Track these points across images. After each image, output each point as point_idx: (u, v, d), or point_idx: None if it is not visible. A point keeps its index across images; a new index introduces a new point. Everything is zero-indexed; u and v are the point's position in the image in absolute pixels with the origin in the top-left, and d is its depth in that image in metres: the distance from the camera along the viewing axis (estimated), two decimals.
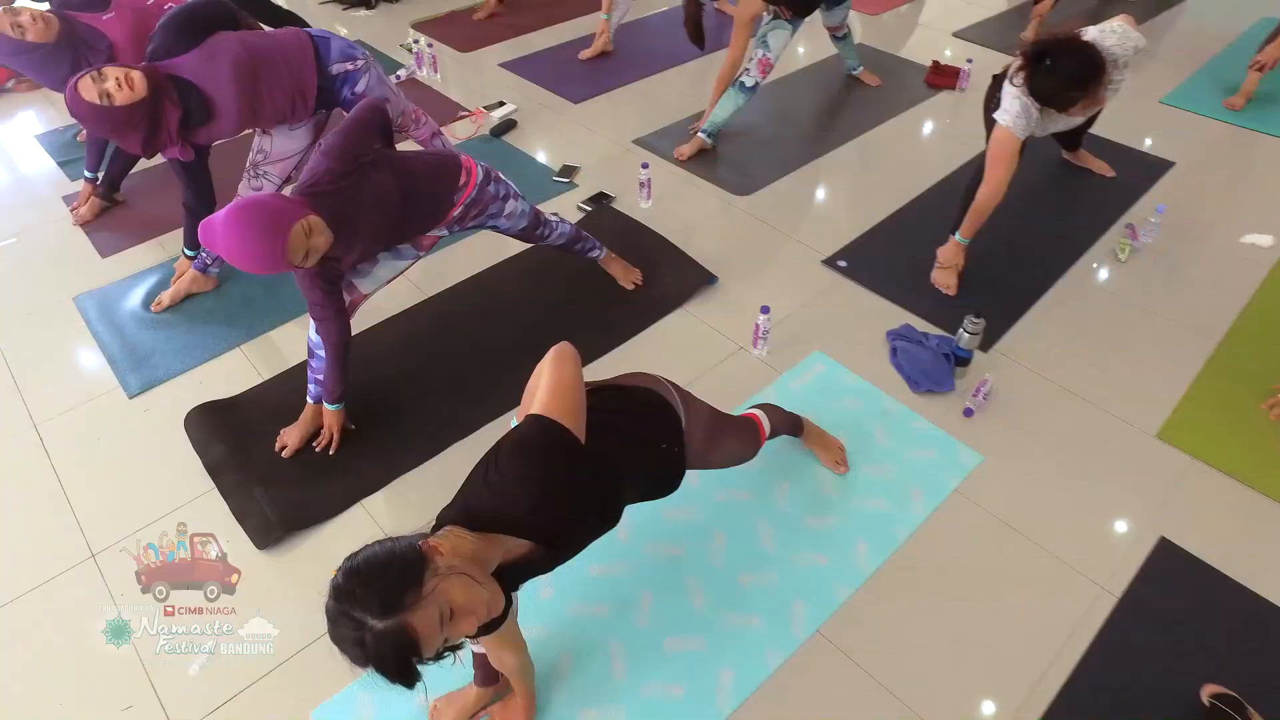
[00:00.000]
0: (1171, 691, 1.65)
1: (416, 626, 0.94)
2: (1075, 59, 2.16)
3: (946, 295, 2.60)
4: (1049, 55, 2.18)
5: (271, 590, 1.82)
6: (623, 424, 1.30)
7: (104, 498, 1.98)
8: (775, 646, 1.69)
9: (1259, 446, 2.16)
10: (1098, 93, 2.21)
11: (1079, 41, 2.18)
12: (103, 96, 2.02)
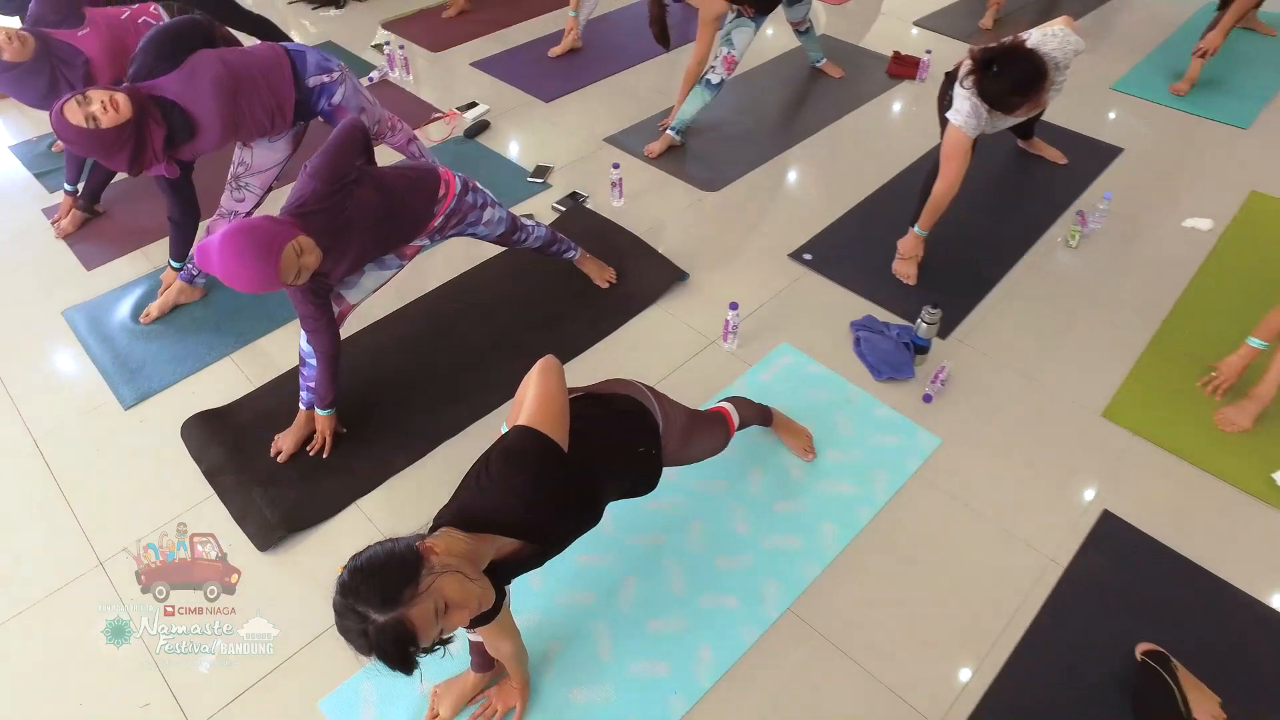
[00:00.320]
0: (1111, 651, 1.80)
1: (414, 619, 1.06)
2: (1020, 66, 2.28)
3: (907, 285, 2.74)
4: (996, 62, 2.30)
5: (273, 587, 1.92)
6: (602, 430, 1.42)
7: (108, 507, 2.06)
8: (750, 624, 1.83)
9: (1196, 423, 2.32)
10: (1040, 97, 2.34)
11: (1023, 49, 2.31)
12: (89, 119, 2.08)
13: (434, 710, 1.66)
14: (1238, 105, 3.79)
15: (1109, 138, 3.58)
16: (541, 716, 1.69)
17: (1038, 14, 4.68)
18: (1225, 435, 2.30)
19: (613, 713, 1.69)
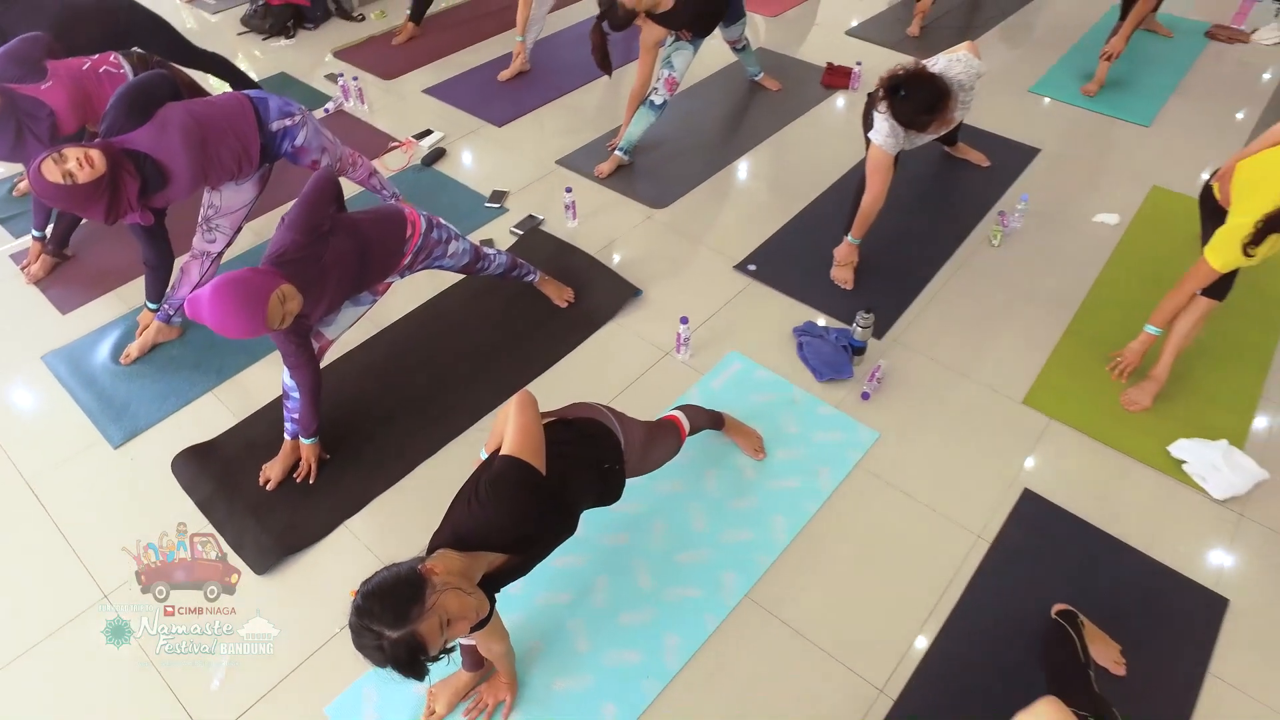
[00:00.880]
0: (1032, 613, 2.02)
1: (423, 633, 1.23)
2: (925, 89, 2.49)
3: (845, 290, 2.96)
4: (903, 87, 2.51)
5: (271, 608, 2.06)
6: (572, 452, 1.60)
7: (107, 543, 2.18)
8: (711, 612, 2.03)
9: (1104, 405, 2.58)
10: (947, 115, 2.56)
11: (926, 74, 2.52)
12: (66, 176, 2.19)
13: (431, 708, 1.83)
14: (1141, 104, 4.09)
15: (1028, 139, 3.84)
16: (529, 707, 1.87)
17: (962, 19, 4.96)
18: (1129, 415, 2.56)
19: (592, 699, 1.88)
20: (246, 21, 4.72)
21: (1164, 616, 2.07)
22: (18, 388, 2.64)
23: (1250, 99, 4.16)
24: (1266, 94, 4.21)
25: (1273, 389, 2.64)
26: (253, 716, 1.86)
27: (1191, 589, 2.11)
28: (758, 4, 5.05)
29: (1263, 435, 2.50)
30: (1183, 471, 2.38)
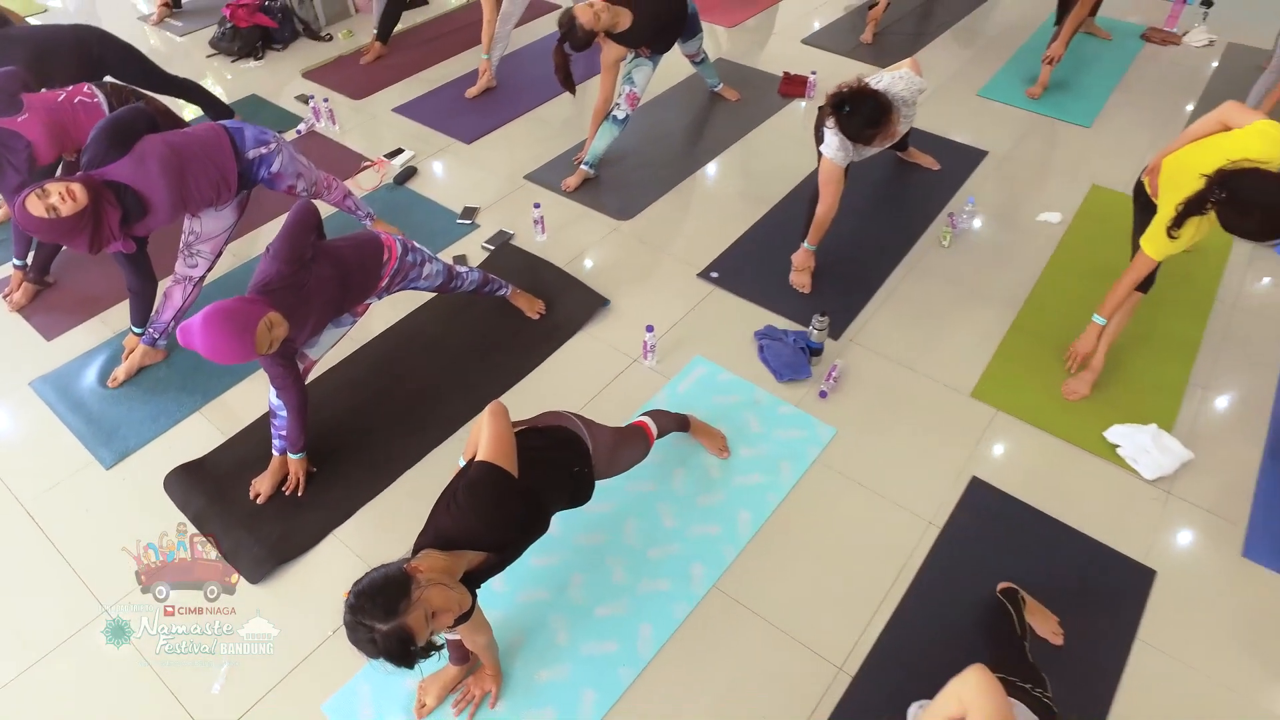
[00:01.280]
0: (978, 592, 2.19)
1: (411, 625, 1.36)
2: (867, 104, 2.64)
3: (803, 294, 3.12)
4: (847, 103, 2.67)
5: (269, 614, 2.17)
6: (543, 458, 1.74)
7: (105, 560, 2.27)
8: (681, 602, 2.17)
9: (1046, 395, 2.76)
10: (890, 129, 2.71)
11: (868, 90, 2.67)
12: (49, 210, 2.28)
13: (422, 701, 1.96)
14: (1082, 105, 4.30)
15: (976, 142, 4.03)
16: (513, 697, 2.00)
17: (914, 25, 5.15)
18: (1069, 403, 2.74)
19: (572, 687, 2.01)
20: (215, 44, 4.79)
21: (1098, 589, 2.24)
22: (7, 414, 2.72)
23: (1183, 98, 4.39)
24: (1197, 92, 4.43)
25: (1199, 376, 2.83)
26: (253, 715, 1.98)
27: (1123, 563, 2.29)
28: (716, 14, 5.21)
29: (1189, 419, 2.69)
30: (1117, 455, 2.57)
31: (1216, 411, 2.72)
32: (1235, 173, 2.17)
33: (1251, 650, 2.10)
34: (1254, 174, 2.15)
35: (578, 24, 3.16)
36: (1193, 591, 2.23)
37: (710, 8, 5.30)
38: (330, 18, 5.10)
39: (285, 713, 1.99)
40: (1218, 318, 3.06)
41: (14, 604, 2.22)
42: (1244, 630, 2.15)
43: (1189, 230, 2.31)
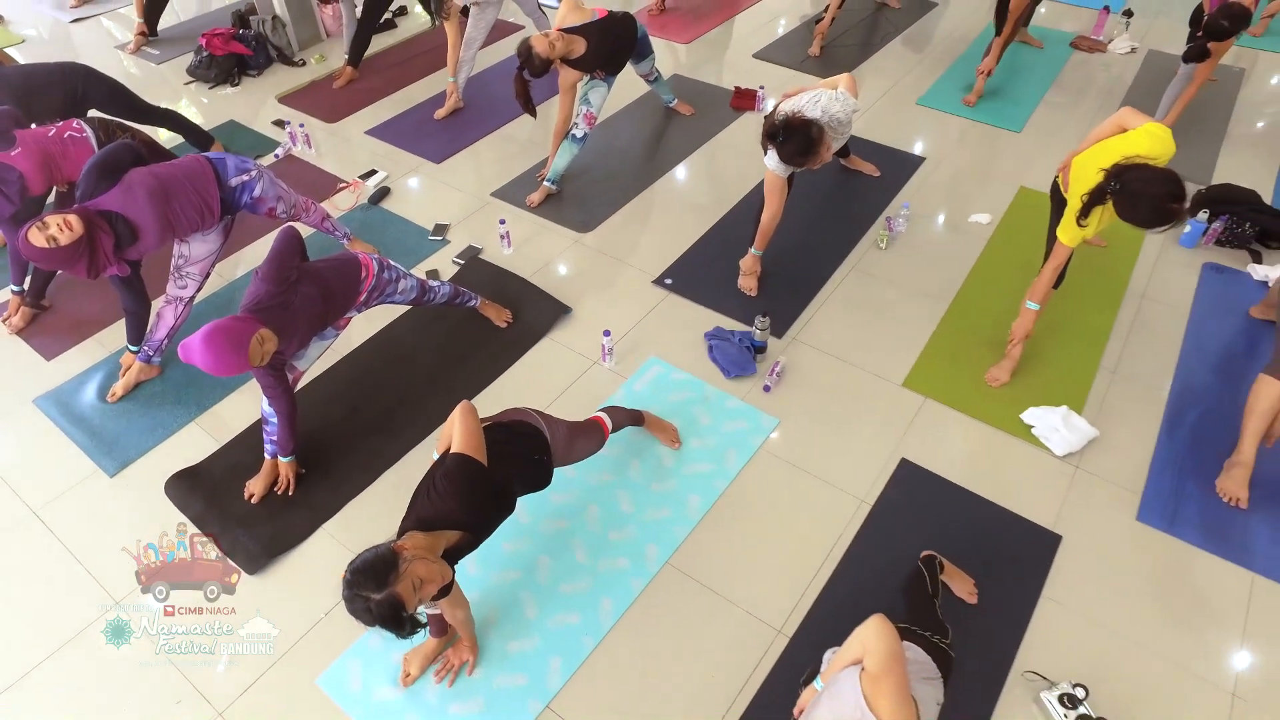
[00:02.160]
0: (904, 560, 2.45)
1: (400, 593, 1.60)
2: (798, 136, 2.87)
3: (750, 297, 3.38)
4: (781, 133, 2.91)
5: (267, 601, 2.40)
6: (507, 449, 1.99)
7: (114, 558, 2.49)
8: (638, 577, 2.43)
9: (970, 382, 3.04)
10: (821, 154, 2.94)
11: (799, 122, 2.88)
12: (50, 240, 2.49)
13: (406, 671, 2.20)
14: (1013, 111, 4.61)
15: (914, 148, 4.33)
16: (488, 665, 2.25)
17: (859, 37, 5.44)
18: (991, 389, 3.02)
19: (541, 656, 2.26)
20: (192, 71, 4.99)
21: (1011, 554, 2.52)
22: (14, 430, 2.92)
23: (1107, 102, 4.71)
24: (1119, 96, 4.76)
25: (1108, 361, 3.13)
26: (256, 690, 2.21)
27: (1033, 530, 2.57)
28: (673, 31, 5.48)
29: (1097, 401, 2.98)
30: (1031, 434, 2.85)
31: (1121, 393, 3.01)
32: (1127, 168, 2.46)
33: (1143, 601, 2.39)
34: (1141, 169, 2.44)
35: (534, 53, 3.40)
36: (1093, 553, 2.51)
37: (667, 25, 5.58)
38: (303, 43, 5.31)
39: (284, 687, 2.22)
40: (1127, 308, 3.36)
41: (31, 601, 2.42)
42: (1137, 584, 2.43)
43: (1094, 219, 2.59)
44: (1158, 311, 3.35)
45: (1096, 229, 2.63)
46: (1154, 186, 2.39)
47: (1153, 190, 2.40)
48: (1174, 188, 2.38)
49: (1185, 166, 4.11)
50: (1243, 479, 2.64)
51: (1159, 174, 2.42)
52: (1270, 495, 2.65)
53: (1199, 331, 3.26)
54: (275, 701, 2.19)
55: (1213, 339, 3.22)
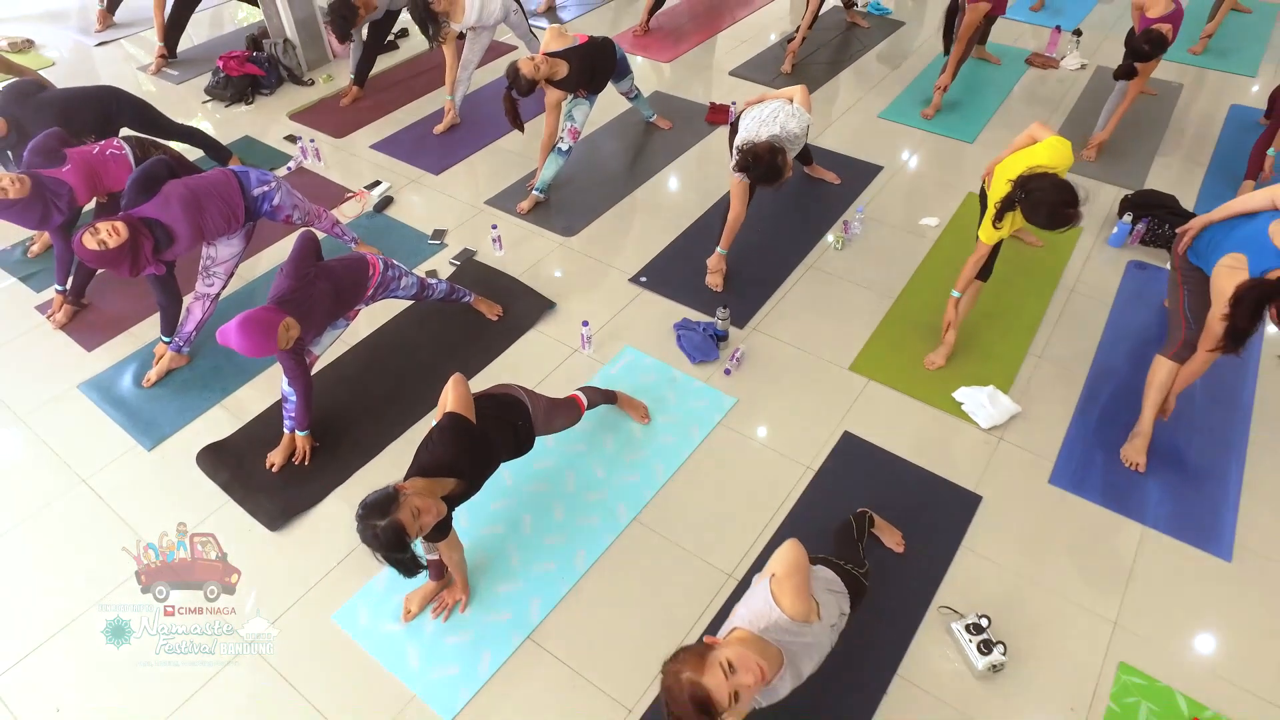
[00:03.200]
0: (841, 515, 2.80)
1: (401, 520, 1.97)
2: (764, 166, 3.21)
3: (716, 292, 3.76)
4: (750, 167, 3.25)
5: (291, 556, 2.76)
6: (494, 414, 2.37)
7: (155, 518, 2.86)
8: (609, 532, 2.80)
9: (910, 366, 3.40)
10: (784, 175, 3.28)
11: (766, 150, 3.22)
12: (100, 244, 2.88)
13: (407, 609, 2.56)
14: (967, 124, 4.99)
15: (873, 158, 4.71)
16: (478, 605, 2.62)
17: (830, 55, 5.83)
18: (928, 372, 3.39)
19: (523, 597, 2.63)
20: (209, 91, 5.39)
21: (937, 511, 2.88)
22: (63, 411, 3.30)
23: (1055, 114, 5.10)
24: (1068, 108, 5.15)
25: (1036, 347, 3.50)
26: (283, 622, 2.58)
27: (957, 491, 2.94)
28: (655, 51, 5.89)
29: (1024, 381, 3.35)
30: (961, 410, 3.22)
31: (1045, 375, 3.38)
32: (1030, 178, 2.83)
33: (1047, 550, 2.75)
34: (1041, 178, 2.81)
35: (521, 75, 3.79)
36: (1008, 511, 2.88)
37: (650, 46, 5.99)
38: (311, 64, 5.72)
39: (304, 622, 2.59)
40: (1057, 300, 3.74)
41: (86, 556, 2.79)
42: (1043, 536, 2.80)
43: (1008, 222, 2.96)
44: (1084, 303, 3.72)
45: (1010, 230, 3.01)
46: (1051, 195, 2.77)
47: (1050, 199, 2.77)
48: (1068, 196, 2.75)
49: (1121, 172, 4.51)
50: (1141, 447, 3.01)
51: (1057, 184, 2.78)
52: (1164, 462, 3.02)
53: (1118, 321, 3.63)
54: (298, 633, 2.56)
55: (1130, 327, 3.59)
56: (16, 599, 2.68)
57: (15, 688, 2.46)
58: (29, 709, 2.41)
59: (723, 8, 6.60)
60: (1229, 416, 3.21)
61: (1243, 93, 5.23)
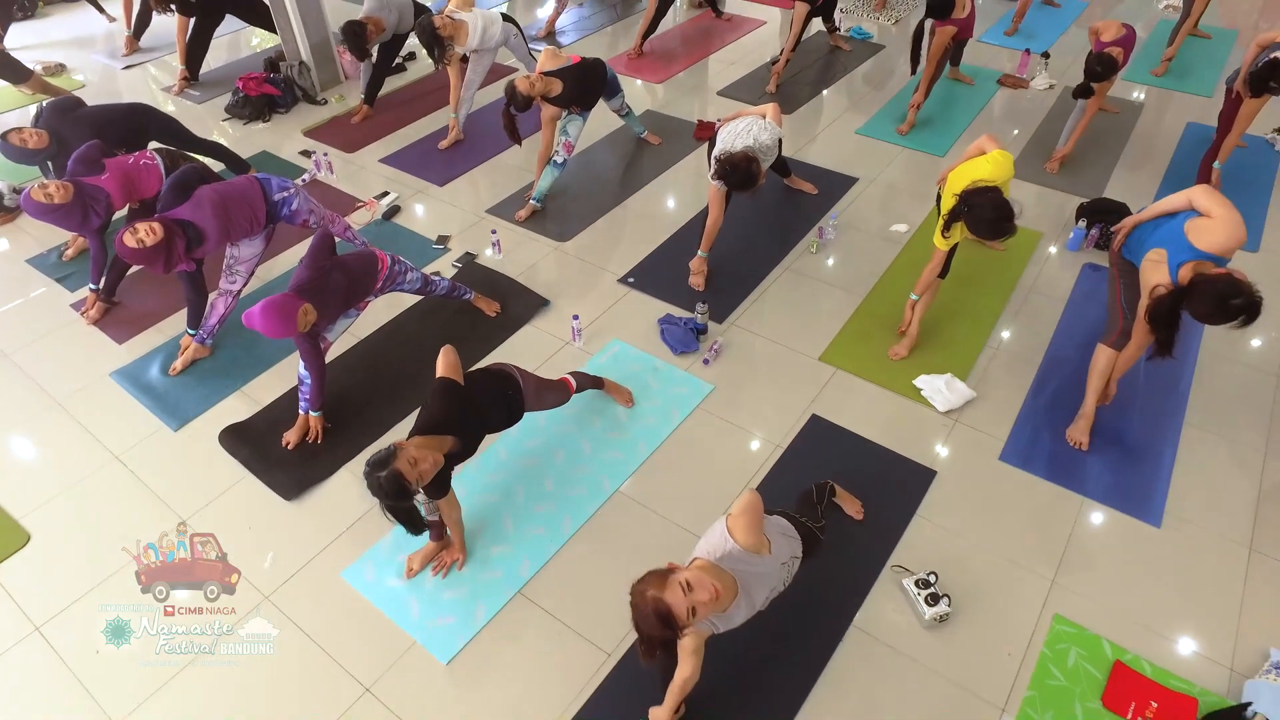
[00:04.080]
0: (807, 485, 3.09)
1: (400, 468, 2.24)
2: (741, 172, 3.53)
3: (698, 291, 4.06)
4: (728, 176, 3.58)
5: (308, 521, 3.04)
6: (486, 383, 2.67)
7: (181, 490, 3.15)
8: (594, 501, 3.07)
9: (875, 357, 3.68)
10: (758, 182, 3.61)
11: (742, 162, 3.52)
12: (139, 242, 3.19)
13: (409, 567, 2.83)
14: (939, 139, 5.31)
15: (850, 170, 5.02)
16: (474, 564, 2.89)
17: (814, 76, 6.18)
18: (892, 363, 3.67)
19: (515, 557, 2.90)
20: (229, 109, 5.75)
21: (894, 484, 3.15)
22: (98, 396, 3.60)
23: (1022, 129, 5.42)
24: (1034, 125, 5.47)
25: (993, 341, 3.78)
26: (299, 578, 2.85)
27: (914, 467, 3.21)
28: (647, 73, 6.26)
29: (981, 370, 3.63)
30: (920, 395, 3.50)
31: (1000, 365, 3.66)
32: (972, 191, 3.13)
33: (994, 517, 3.02)
34: (981, 193, 3.11)
35: (518, 92, 4.13)
36: (960, 483, 3.15)
37: (643, 68, 6.35)
38: (324, 85, 6.09)
39: (316, 578, 2.86)
40: (1016, 298, 4.03)
41: (121, 520, 3.07)
42: (991, 506, 3.06)
43: (956, 231, 3.26)
44: (1041, 301, 4.01)
45: (960, 237, 3.30)
46: (989, 211, 3.06)
47: (988, 215, 3.06)
48: (1005, 212, 3.05)
49: (1082, 183, 4.82)
50: (1085, 428, 3.28)
51: (995, 202, 3.07)
52: (1106, 442, 3.29)
53: (1072, 317, 3.91)
54: (310, 588, 2.84)
55: (1081, 323, 3.87)
56: (60, 557, 2.96)
57: (61, 632, 2.73)
58: (72, 650, 2.68)
59: (713, 33, 6.97)
60: (1168, 402, 3.48)
61: (1199, 112, 5.54)
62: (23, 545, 2.99)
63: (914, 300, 3.64)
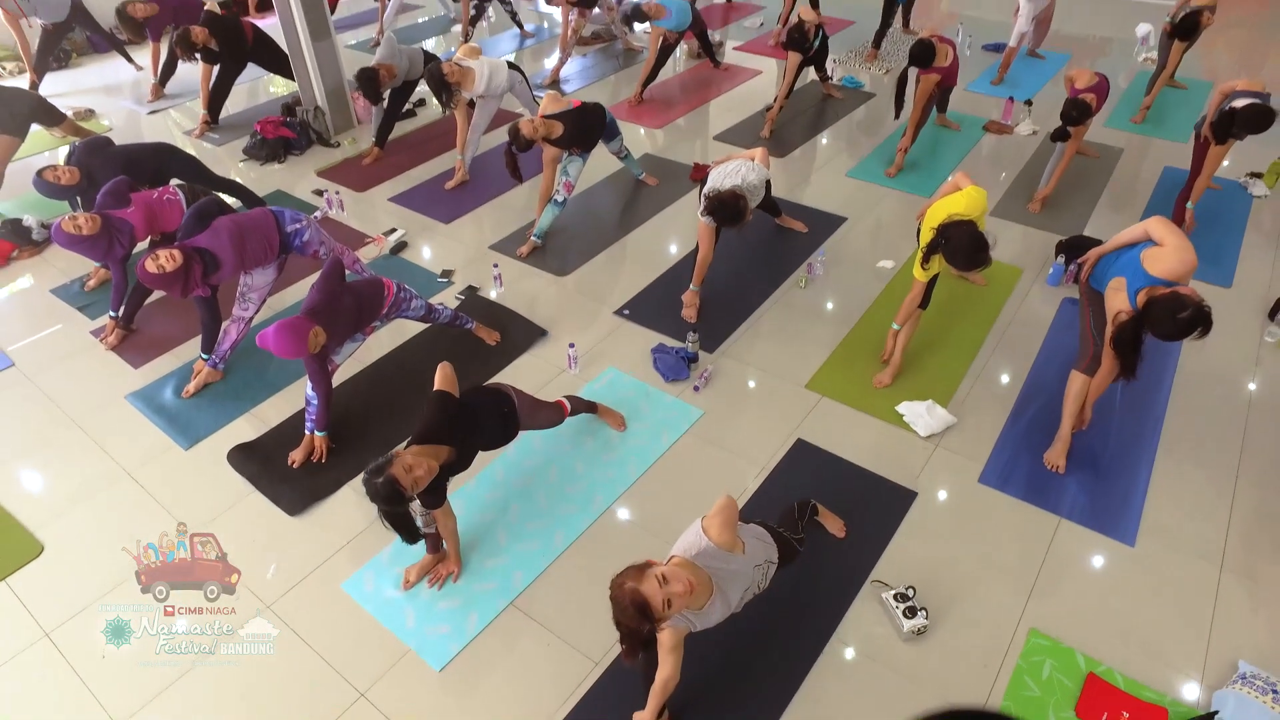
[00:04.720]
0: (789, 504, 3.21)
1: (396, 474, 2.38)
2: (726, 211, 3.74)
3: (689, 322, 4.22)
4: (716, 211, 3.79)
5: (311, 533, 3.17)
6: (481, 399, 2.82)
7: (187, 506, 3.29)
8: (585, 518, 3.19)
9: (860, 384, 3.82)
10: (744, 219, 3.82)
11: (730, 196, 3.75)
12: (159, 268, 3.39)
13: (406, 578, 2.95)
14: (926, 181, 5.52)
15: (839, 210, 5.22)
16: (469, 577, 3.00)
17: (808, 121, 6.43)
18: (876, 390, 3.81)
19: (508, 570, 3.01)
20: (247, 151, 6.02)
21: (875, 504, 3.26)
22: (113, 418, 3.76)
23: (1008, 172, 5.63)
24: (1018, 168, 5.68)
25: (975, 369, 3.92)
26: (300, 589, 2.97)
27: (896, 488, 3.32)
28: (647, 119, 6.53)
29: (962, 398, 3.76)
30: (903, 421, 3.62)
31: (981, 393, 3.79)
32: (949, 226, 3.31)
33: (972, 536, 3.12)
34: (956, 227, 3.28)
35: (520, 134, 4.35)
36: (939, 504, 3.26)
37: (643, 114, 6.63)
38: (338, 128, 6.36)
39: (317, 589, 2.97)
40: (996, 330, 4.17)
41: (129, 532, 3.19)
42: (969, 525, 3.17)
43: (934, 263, 3.43)
44: (1021, 333, 4.16)
45: (938, 268, 3.47)
46: (965, 242, 3.24)
47: (964, 245, 3.24)
48: (980, 243, 3.22)
49: (1065, 221, 5.01)
50: (1061, 451, 3.40)
51: (971, 234, 3.24)
52: (1081, 464, 3.40)
53: (1051, 348, 4.05)
54: (312, 598, 2.95)
55: (1060, 353, 4.01)
56: (71, 567, 3.08)
57: (69, 638, 2.84)
58: (80, 656, 2.79)
59: (710, 81, 7.27)
60: (1144, 426, 3.60)
61: (1175, 156, 5.75)
62: (36, 555, 3.12)
63: (895, 330, 3.79)
